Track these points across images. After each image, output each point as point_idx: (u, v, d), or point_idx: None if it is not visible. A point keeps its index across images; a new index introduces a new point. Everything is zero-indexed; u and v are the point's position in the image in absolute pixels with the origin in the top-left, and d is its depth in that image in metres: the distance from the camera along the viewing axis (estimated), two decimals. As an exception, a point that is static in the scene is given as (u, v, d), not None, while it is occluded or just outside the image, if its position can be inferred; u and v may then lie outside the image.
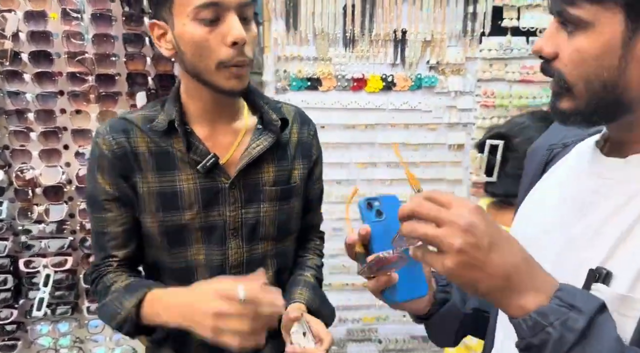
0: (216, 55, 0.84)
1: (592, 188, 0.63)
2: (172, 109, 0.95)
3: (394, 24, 1.97)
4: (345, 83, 2.01)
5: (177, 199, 0.96)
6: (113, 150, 0.94)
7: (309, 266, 1.14)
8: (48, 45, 1.69)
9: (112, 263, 0.99)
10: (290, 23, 1.93)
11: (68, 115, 1.75)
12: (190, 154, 0.95)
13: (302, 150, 1.07)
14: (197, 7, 0.82)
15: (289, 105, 1.10)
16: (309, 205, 1.14)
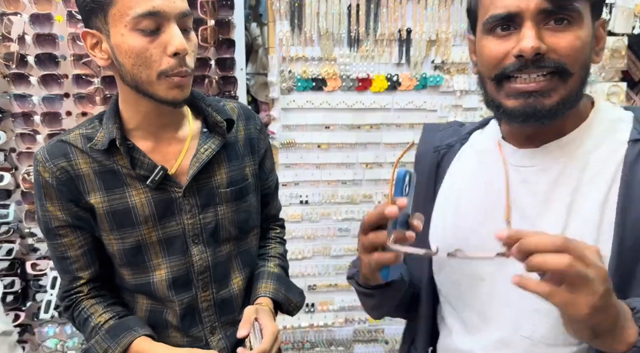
0: (157, 65, 0.82)
1: (520, 178, 0.73)
2: (112, 126, 0.91)
3: (398, 23, 1.97)
4: (350, 83, 2.01)
5: (130, 216, 0.94)
6: (56, 176, 0.91)
7: (272, 255, 1.15)
8: (54, 48, 1.70)
9: (82, 288, 0.98)
10: (295, 23, 1.93)
11: (74, 118, 1.75)
12: (136, 169, 0.93)
13: (250, 146, 1.07)
14: (137, 16, 0.79)
15: (232, 103, 1.08)
16: (266, 197, 1.15)
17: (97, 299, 0.99)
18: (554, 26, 0.66)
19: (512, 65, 0.67)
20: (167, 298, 0.98)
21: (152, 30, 0.81)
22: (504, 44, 0.68)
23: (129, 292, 1.01)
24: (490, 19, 0.68)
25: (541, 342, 0.71)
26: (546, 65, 0.66)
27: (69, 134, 0.95)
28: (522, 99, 0.67)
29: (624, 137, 0.70)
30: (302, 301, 1.14)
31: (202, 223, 0.99)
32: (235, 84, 1.87)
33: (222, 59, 1.84)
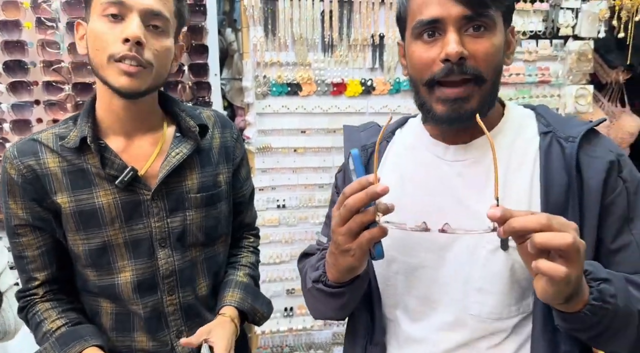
0: (109, 49, 0.86)
1: (454, 172, 0.81)
2: (85, 124, 0.92)
3: (371, 29, 1.99)
4: (325, 88, 2.03)
5: (97, 216, 0.94)
6: (23, 174, 0.92)
7: (243, 264, 1.15)
8: (23, 55, 1.67)
9: (37, 290, 0.98)
10: (268, 29, 1.94)
11: (45, 125, 1.73)
12: (106, 169, 0.93)
13: (225, 154, 1.08)
14: (104, 2, 0.86)
15: (209, 111, 1.11)
16: (240, 206, 1.15)
17: (52, 303, 0.98)
18: (473, 33, 0.73)
19: (440, 71, 0.74)
20: (132, 301, 0.98)
21: (114, 16, 0.86)
22: (431, 50, 0.75)
23: (93, 296, 1.00)
24: (417, 24, 0.75)
25: (488, 318, 0.78)
26: (467, 71, 0.73)
27: (43, 133, 0.96)
28: (449, 105, 0.75)
29: (533, 130, 0.82)
30: (270, 311, 1.14)
31: (170, 227, 0.98)
32: (209, 89, 1.87)
33: (195, 65, 1.84)
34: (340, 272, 0.76)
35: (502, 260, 0.76)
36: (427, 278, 0.83)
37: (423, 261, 0.83)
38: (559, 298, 0.63)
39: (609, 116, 2.21)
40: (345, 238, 0.69)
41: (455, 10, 0.72)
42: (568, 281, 0.59)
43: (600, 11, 2.05)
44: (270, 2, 1.91)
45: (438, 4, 0.73)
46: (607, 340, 0.71)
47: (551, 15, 2.09)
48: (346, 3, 1.95)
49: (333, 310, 0.88)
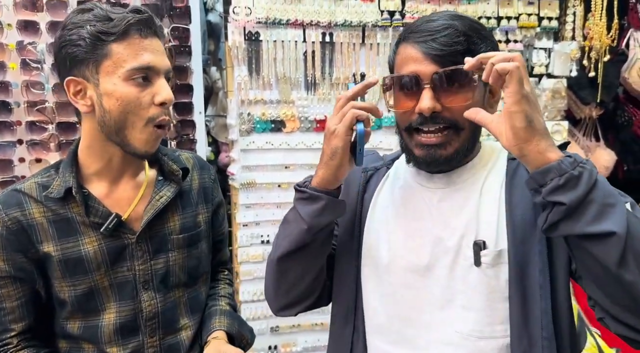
0: (146, 112, 0.89)
1: (437, 198, 0.88)
2: (69, 175, 0.94)
3: (352, 68, 2.05)
4: (308, 124, 2.06)
5: (83, 263, 0.95)
6: (7, 226, 0.92)
7: (222, 295, 1.18)
8: (7, 95, 1.68)
9: (12, 340, 0.97)
10: (252, 68, 1.99)
11: (27, 164, 1.72)
12: (91, 217, 0.95)
13: (204, 195, 1.11)
14: (132, 69, 0.88)
15: (187, 153, 1.14)
16: (219, 244, 1.19)
17: (28, 350, 0.97)
18: (447, 88, 0.80)
19: (416, 121, 0.82)
20: (112, 343, 0.97)
21: (144, 80, 0.89)
22: (410, 102, 0.82)
23: (74, 340, 0.99)
24: (398, 79, 0.84)
25: (471, 335, 0.82)
26: (441, 122, 0.81)
27: (24, 183, 0.96)
28: (426, 150, 0.83)
29: (503, 160, 0.90)
30: (253, 339, 1.16)
31: (153, 269, 0.99)
32: (194, 127, 1.89)
33: (180, 103, 1.86)
34: (325, 162, 0.83)
35: (478, 276, 0.82)
36: (409, 299, 0.87)
37: (405, 282, 0.87)
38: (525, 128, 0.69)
39: (584, 150, 2.28)
40: (335, 120, 0.83)
41: (429, 68, 0.79)
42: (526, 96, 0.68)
43: (571, 51, 2.14)
44: (254, 43, 1.97)
45: (415, 61, 0.81)
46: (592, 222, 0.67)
47: (525, 54, 2.18)
48: (328, 44, 2.02)
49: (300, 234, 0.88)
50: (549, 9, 2.15)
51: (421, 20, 0.84)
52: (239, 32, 1.95)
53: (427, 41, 0.79)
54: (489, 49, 0.82)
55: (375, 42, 2.05)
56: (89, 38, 0.87)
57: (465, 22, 0.81)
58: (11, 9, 1.67)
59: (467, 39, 0.79)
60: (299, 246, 0.88)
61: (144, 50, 0.88)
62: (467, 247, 0.83)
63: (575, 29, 2.17)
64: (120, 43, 0.87)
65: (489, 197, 0.85)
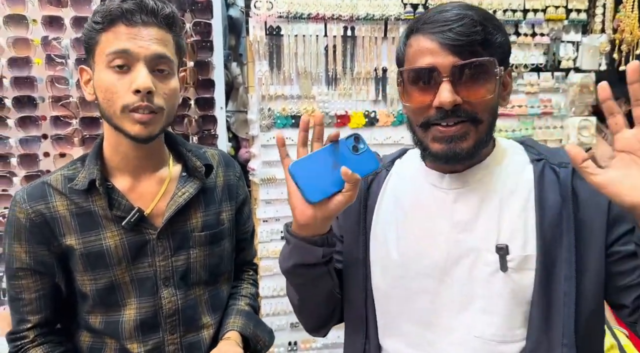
0: (122, 100, 0.87)
1: (451, 198, 0.83)
2: (93, 167, 0.94)
3: (374, 62, 2.02)
4: (329, 120, 2.05)
5: (104, 257, 0.95)
6: (31, 219, 0.93)
7: (243, 295, 1.15)
8: (32, 90, 1.70)
9: (28, 333, 0.97)
10: (274, 63, 1.97)
11: (52, 159, 1.74)
12: (113, 210, 0.94)
13: (228, 192, 1.09)
14: (109, 53, 0.86)
15: (213, 150, 1.12)
16: (242, 243, 1.16)
17: (43, 348, 0.97)
18: (467, 80, 0.75)
19: (434, 116, 0.77)
20: (133, 339, 0.97)
21: (120, 67, 0.87)
22: (425, 96, 0.78)
23: (97, 334, 1.00)
24: (412, 71, 0.79)
25: (492, 339, 0.79)
26: (462, 115, 0.77)
27: (52, 175, 0.97)
28: (445, 144, 0.78)
29: (524, 159, 0.85)
30: (272, 340, 1.13)
31: (174, 266, 0.99)
32: (215, 122, 1.89)
33: (201, 99, 1.86)
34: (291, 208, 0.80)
35: (502, 281, 0.78)
36: (426, 303, 0.84)
37: (422, 286, 0.84)
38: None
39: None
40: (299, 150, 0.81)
41: (448, 60, 0.75)
42: None
43: (600, 45, 2.07)
44: (275, 38, 1.95)
45: (431, 54, 0.76)
46: None
47: (552, 48, 2.12)
48: (349, 38, 1.99)
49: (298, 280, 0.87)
50: (578, 1, 2.09)
51: (433, 11, 0.79)
52: (260, 27, 1.94)
53: (444, 31, 0.75)
54: (503, 39, 0.78)
55: (397, 36, 2.01)
56: (87, 29, 0.90)
57: (479, 12, 0.77)
58: (36, 4, 1.69)
59: (483, 29, 0.75)
60: (292, 290, 0.90)
61: (126, 37, 0.87)
62: (488, 250, 0.79)
63: (605, 22, 2.10)
64: (108, 32, 0.87)
65: (513, 197, 0.81)
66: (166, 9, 0.91)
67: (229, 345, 1.00)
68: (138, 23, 0.88)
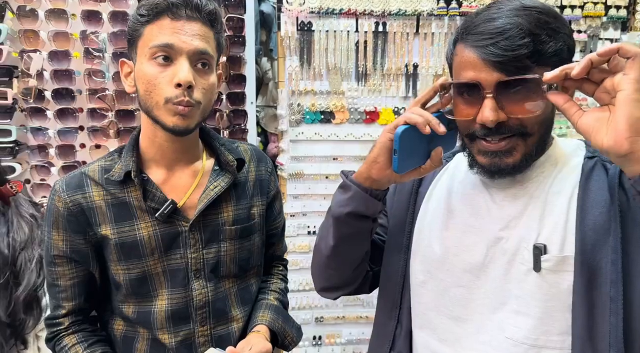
0: (164, 93, 0.88)
1: (501, 196, 0.82)
2: (129, 158, 0.96)
3: (405, 58, 2.01)
4: (357, 116, 2.04)
5: (138, 247, 0.96)
6: (68, 208, 0.95)
7: (272, 290, 1.16)
8: (70, 83, 1.75)
9: (63, 320, 1.00)
10: (304, 59, 1.98)
11: (87, 150, 1.79)
12: (148, 202, 0.96)
13: (260, 187, 1.09)
14: (153, 46, 0.88)
15: (245, 144, 1.13)
16: (272, 238, 1.17)
17: (77, 336, 1.00)
18: (512, 96, 0.71)
19: (478, 131, 0.75)
20: (164, 329, 0.99)
21: (164, 60, 0.88)
22: (470, 110, 0.75)
23: (130, 323, 1.02)
24: (457, 83, 0.76)
25: (524, 342, 0.76)
26: (507, 132, 0.74)
27: (89, 166, 1.00)
28: (489, 158, 0.77)
29: (580, 159, 0.82)
30: (299, 336, 1.14)
31: (205, 259, 1.00)
32: (246, 117, 1.91)
33: (233, 93, 1.88)
34: (367, 156, 0.81)
35: (535, 282, 0.76)
36: (460, 298, 0.83)
37: (458, 280, 0.83)
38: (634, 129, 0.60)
39: None
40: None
41: (491, 76, 0.71)
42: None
43: (640, 42, 2.01)
44: (306, 33, 1.96)
45: (474, 68, 0.72)
46: None
47: (590, 46, 2.07)
48: (381, 34, 1.98)
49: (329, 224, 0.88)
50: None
51: (480, 17, 0.74)
52: (292, 22, 1.94)
53: (487, 46, 0.70)
54: (559, 44, 0.71)
55: (429, 32, 1.99)
56: (132, 21, 0.91)
57: (532, 17, 0.71)
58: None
59: (533, 39, 0.69)
60: (332, 237, 0.87)
61: (170, 31, 0.88)
62: (526, 249, 0.77)
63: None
64: (152, 25, 0.88)
65: (557, 197, 0.78)
66: (210, 6, 0.92)
67: (258, 338, 1.01)
68: (182, 17, 0.89)
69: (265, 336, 1.03)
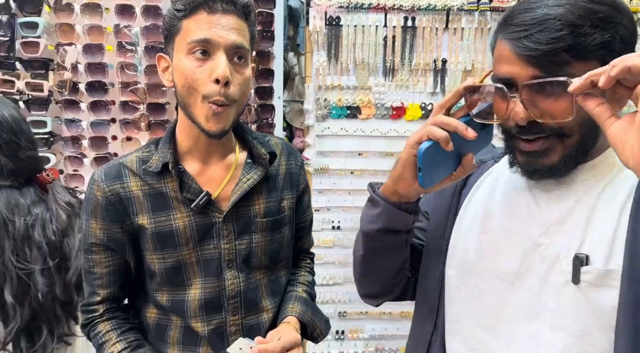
0: (202, 89, 0.89)
1: (546, 199, 0.76)
2: (166, 150, 0.97)
3: (434, 53, 1.99)
4: (384, 111, 2.04)
5: (173, 237, 0.98)
6: (107, 197, 0.97)
7: (301, 282, 1.17)
8: (104, 76, 1.79)
9: (98, 307, 1.03)
10: (332, 54, 1.98)
11: (119, 142, 1.83)
12: (184, 193, 0.97)
13: (290, 181, 1.10)
14: (190, 41, 0.88)
15: (276, 138, 1.14)
16: (301, 231, 1.18)
17: (111, 323, 1.03)
18: (545, 96, 0.66)
19: (513, 128, 0.71)
20: (197, 318, 1.01)
21: (202, 54, 0.89)
22: (505, 105, 0.70)
23: (163, 311, 1.04)
24: (494, 77, 0.73)
25: None
26: (541, 131, 0.69)
27: (127, 157, 1.02)
28: (525, 157, 0.73)
29: None
30: (328, 329, 1.15)
31: (237, 250, 1.01)
32: (273, 111, 1.92)
33: (261, 88, 1.90)
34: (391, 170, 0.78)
35: (574, 295, 0.70)
36: (493, 306, 0.79)
37: (492, 286, 0.79)
38: None
39: None
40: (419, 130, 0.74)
41: (525, 72, 0.66)
42: None
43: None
44: (335, 28, 1.96)
45: (507, 62, 0.68)
46: None
47: None
48: (409, 28, 1.97)
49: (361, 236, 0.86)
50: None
51: (520, 6, 0.69)
52: (320, 17, 1.94)
53: (520, 39, 0.65)
54: (608, 36, 0.64)
55: (459, 27, 1.97)
56: (168, 16, 0.92)
57: (577, 6, 0.65)
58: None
59: (572, 31, 0.63)
60: (364, 250, 0.85)
61: (208, 25, 0.88)
62: (566, 259, 0.71)
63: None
64: (190, 19, 0.89)
65: (608, 204, 0.71)
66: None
67: (288, 329, 1.02)
68: (218, 11, 0.89)
69: (295, 327, 1.04)
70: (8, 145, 1.12)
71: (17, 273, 1.12)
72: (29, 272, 1.13)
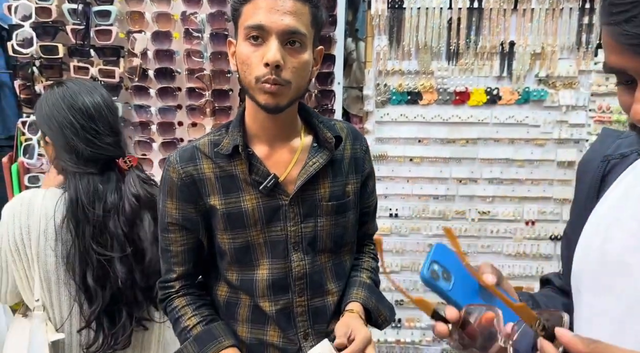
0: (255, 72, 0.91)
1: None
2: (237, 133, 1.00)
3: (501, 36, 1.92)
4: (447, 97, 1.98)
5: (242, 218, 1.01)
6: (182, 178, 1.01)
7: (365, 268, 1.17)
8: (171, 63, 1.83)
9: (174, 284, 1.07)
10: (394, 37, 1.94)
11: (185, 128, 1.87)
12: (252, 175, 1.00)
13: (355, 165, 1.10)
14: (247, 27, 0.91)
15: (342, 122, 1.13)
16: (365, 216, 1.17)
17: (186, 299, 1.07)
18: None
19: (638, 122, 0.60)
20: (265, 297, 1.03)
21: (255, 38, 0.91)
22: (628, 97, 0.60)
23: (234, 289, 1.07)
24: (604, 65, 0.62)
25: None
26: None
27: (200, 140, 1.05)
28: None
29: None
30: (392, 316, 1.14)
31: (303, 232, 1.03)
32: (333, 97, 1.91)
33: (321, 74, 1.89)
34: None
35: None
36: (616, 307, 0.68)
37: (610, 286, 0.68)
38: None
39: None
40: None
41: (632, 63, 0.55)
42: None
43: None
44: (397, 11, 1.92)
45: (613, 52, 0.57)
46: None
47: None
48: (475, 10, 1.90)
49: None
50: None
51: None
52: (383, 0, 1.91)
53: (620, 22, 0.53)
54: None
55: (529, 8, 1.88)
56: (233, 2, 0.95)
57: None
58: (177, -19, 1.80)
59: None
60: None
61: (264, 9, 0.90)
62: None
63: None
64: (249, 4, 0.91)
65: None
66: None
67: (354, 319, 1.02)
68: None
69: (359, 315, 1.04)
70: (85, 132, 1.16)
71: (98, 259, 1.17)
72: (108, 259, 1.18)
